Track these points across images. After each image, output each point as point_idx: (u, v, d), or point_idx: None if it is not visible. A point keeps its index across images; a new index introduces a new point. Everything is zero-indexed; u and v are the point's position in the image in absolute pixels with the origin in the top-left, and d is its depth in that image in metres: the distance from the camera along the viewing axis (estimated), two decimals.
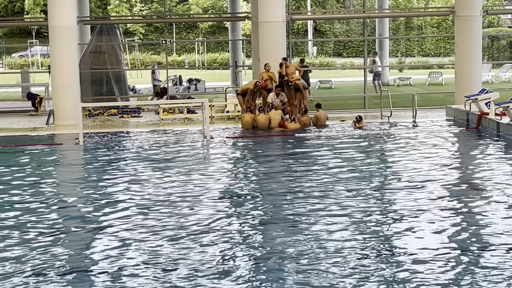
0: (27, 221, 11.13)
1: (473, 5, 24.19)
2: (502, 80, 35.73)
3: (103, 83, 26.44)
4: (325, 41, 56.00)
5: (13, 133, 20.98)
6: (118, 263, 9.01)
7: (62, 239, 10.16)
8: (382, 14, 36.58)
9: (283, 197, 12.51)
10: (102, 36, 26.76)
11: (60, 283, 8.35)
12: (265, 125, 20.81)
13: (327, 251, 9.26)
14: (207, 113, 19.85)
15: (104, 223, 10.99)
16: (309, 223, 10.69)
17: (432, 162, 15.36)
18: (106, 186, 13.64)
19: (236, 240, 9.95)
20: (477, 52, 24.30)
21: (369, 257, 9.02)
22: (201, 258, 9.13)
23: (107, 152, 17.53)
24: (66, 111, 22.01)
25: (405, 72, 42.91)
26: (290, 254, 9.17)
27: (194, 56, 50.69)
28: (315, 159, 16.05)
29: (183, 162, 15.95)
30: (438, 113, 23.28)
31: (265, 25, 22.65)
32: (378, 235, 9.99)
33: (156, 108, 24.39)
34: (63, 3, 22.39)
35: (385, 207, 11.68)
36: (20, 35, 55.72)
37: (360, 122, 20.49)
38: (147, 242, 9.87)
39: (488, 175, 14.00)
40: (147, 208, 11.80)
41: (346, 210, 11.38)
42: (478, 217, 10.98)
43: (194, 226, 10.61)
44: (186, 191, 13.06)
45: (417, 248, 9.35)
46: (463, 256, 9.05)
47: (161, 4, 55.05)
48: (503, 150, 17.16)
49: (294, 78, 21.55)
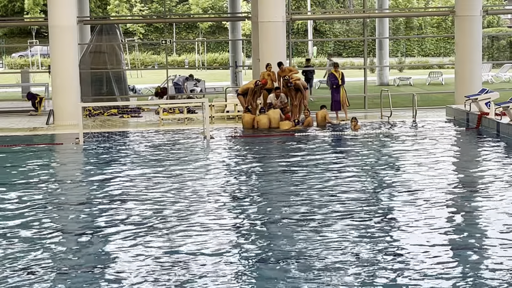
0: (27, 221, 11.12)
1: (473, 5, 24.20)
2: (502, 80, 35.75)
3: (103, 83, 26.45)
4: (325, 41, 56.01)
5: (13, 133, 20.98)
6: (118, 263, 9.01)
7: (61, 239, 10.15)
8: (382, 14, 36.60)
9: (283, 197, 12.50)
10: (102, 36, 26.77)
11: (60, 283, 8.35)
12: (266, 126, 20.81)
13: (327, 251, 9.26)
14: (207, 113, 19.85)
15: (104, 223, 10.98)
16: (309, 222, 10.68)
17: (431, 162, 15.36)
18: (106, 186, 13.63)
19: (235, 240, 9.94)
20: (477, 52, 24.32)
21: (369, 257, 9.02)
22: (201, 258, 9.13)
23: (107, 152, 17.53)
24: (66, 111, 22.02)
25: (405, 72, 42.94)
26: (290, 254, 9.16)
27: (194, 56, 50.70)
28: (315, 159, 16.05)
29: (183, 162, 15.94)
30: (438, 113, 23.29)
31: (265, 25, 22.65)
32: (378, 235, 9.98)
33: (156, 108, 24.40)
34: (63, 3, 22.40)
35: (384, 207, 11.67)
36: (20, 35, 55.74)
37: (356, 124, 20.34)
38: (147, 242, 9.86)
39: (488, 175, 13.99)
40: (147, 208, 11.79)
41: (346, 210, 11.37)
42: (478, 217, 10.98)
43: (194, 226, 10.60)
44: (186, 190, 13.05)
45: (416, 248, 9.34)
46: (463, 256, 9.04)
47: (161, 4, 55.05)
48: (503, 150, 17.16)
49: (294, 78, 21.58)
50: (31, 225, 10.86)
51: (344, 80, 22.43)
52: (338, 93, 22.20)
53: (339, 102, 22.19)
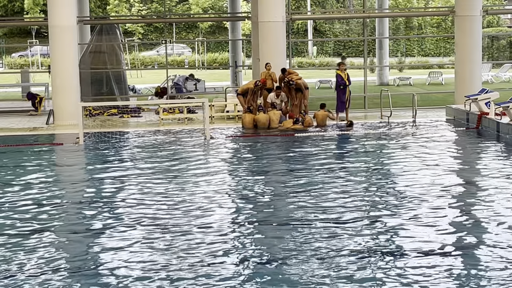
0: (27, 221, 11.13)
1: (473, 5, 24.20)
2: (502, 80, 35.76)
3: (103, 83, 26.45)
4: (325, 41, 56.01)
5: (13, 133, 20.98)
6: (117, 263, 9.01)
7: (61, 239, 10.15)
8: (382, 14, 36.61)
9: (283, 197, 12.51)
10: (102, 36, 26.77)
11: (60, 283, 8.35)
12: (265, 125, 20.82)
13: (327, 251, 9.26)
14: (207, 113, 19.86)
15: (103, 223, 10.99)
16: (309, 223, 10.68)
17: (431, 162, 15.36)
18: (106, 186, 13.63)
19: (235, 240, 9.94)
20: (477, 52, 24.32)
21: (369, 257, 9.02)
22: (201, 257, 9.13)
23: (107, 152, 17.53)
24: (66, 111, 22.02)
25: (405, 72, 42.94)
26: (290, 254, 9.17)
27: (194, 56, 50.69)
28: (316, 159, 16.05)
29: (183, 162, 15.94)
30: (438, 113, 23.30)
31: (265, 25, 22.66)
32: (378, 235, 9.99)
33: (156, 108, 24.40)
34: (63, 3, 22.40)
35: (384, 207, 11.67)
36: (20, 35, 55.73)
37: (350, 127, 20.38)
38: (147, 242, 9.86)
39: (488, 175, 14.00)
40: (147, 208, 11.79)
41: (346, 210, 11.37)
42: (477, 217, 10.98)
43: (194, 227, 10.61)
44: (186, 191, 13.05)
45: (416, 248, 9.34)
46: (463, 256, 9.05)
47: (161, 4, 55.06)
48: (503, 150, 17.16)
49: (295, 78, 21.56)
50: (30, 225, 10.86)
51: (350, 80, 22.39)
52: (344, 94, 22.18)
53: (345, 103, 22.14)
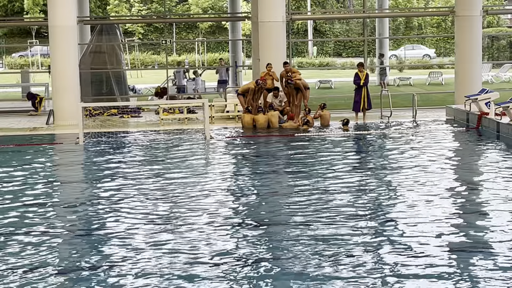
0: (27, 220, 11.13)
1: (473, 5, 24.20)
2: (502, 80, 35.76)
3: (103, 83, 26.44)
4: (325, 41, 56.02)
5: (13, 133, 20.98)
6: (116, 263, 9.01)
7: (61, 239, 10.15)
8: (382, 14, 36.62)
9: (283, 197, 12.51)
10: (102, 36, 26.77)
11: (59, 283, 8.35)
12: (264, 126, 20.82)
13: (327, 251, 9.26)
14: (207, 113, 19.86)
15: (103, 223, 10.99)
16: (309, 223, 10.68)
17: (431, 162, 15.36)
18: (106, 186, 13.63)
19: (235, 240, 9.94)
20: (477, 52, 24.32)
21: (369, 257, 9.02)
22: (200, 258, 9.13)
23: (107, 152, 17.53)
24: (66, 111, 22.02)
25: (405, 72, 42.94)
26: (290, 254, 9.17)
27: (194, 56, 50.70)
28: (316, 159, 16.05)
29: (183, 162, 15.94)
30: (438, 113, 23.29)
31: (265, 25, 22.66)
32: (378, 235, 9.99)
33: (156, 108, 24.40)
34: (63, 3, 22.40)
35: (383, 207, 11.68)
36: (20, 35, 55.76)
37: (346, 126, 20.37)
38: (146, 242, 9.87)
39: (488, 175, 14.00)
40: (147, 208, 11.79)
41: (346, 210, 11.37)
42: (477, 217, 10.98)
43: (194, 226, 10.60)
44: (186, 191, 13.05)
45: (416, 248, 9.34)
46: (462, 257, 9.05)
47: (161, 4, 55.07)
48: (503, 150, 17.16)
49: (295, 78, 21.55)
50: (30, 225, 10.86)
51: (367, 80, 22.33)
52: (359, 94, 22.19)
53: (359, 103, 22.16)
